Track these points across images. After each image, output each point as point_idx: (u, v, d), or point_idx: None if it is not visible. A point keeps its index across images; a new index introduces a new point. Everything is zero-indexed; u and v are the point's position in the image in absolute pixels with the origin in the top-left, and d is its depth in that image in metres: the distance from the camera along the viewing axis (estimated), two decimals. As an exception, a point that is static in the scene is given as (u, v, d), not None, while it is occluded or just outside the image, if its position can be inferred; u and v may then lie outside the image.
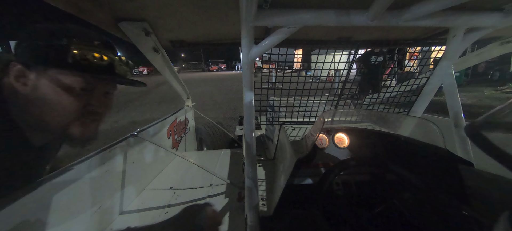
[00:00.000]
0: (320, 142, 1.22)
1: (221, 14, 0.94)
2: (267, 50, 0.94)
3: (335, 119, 1.47)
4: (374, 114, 1.61)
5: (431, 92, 1.40)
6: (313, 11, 0.80)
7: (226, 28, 1.14)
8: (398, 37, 1.36)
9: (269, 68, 1.58)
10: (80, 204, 1.05)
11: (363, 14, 0.79)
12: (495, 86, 8.92)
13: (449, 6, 0.67)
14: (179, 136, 2.21)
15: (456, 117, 1.15)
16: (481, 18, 0.88)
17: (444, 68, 1.22)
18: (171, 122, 2.01)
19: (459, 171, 0.99)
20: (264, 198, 1.12)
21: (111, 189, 1.25)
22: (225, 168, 1.86)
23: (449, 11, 0.83)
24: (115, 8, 0.88)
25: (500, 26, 0.91)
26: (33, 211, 0.82)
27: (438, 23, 0.87)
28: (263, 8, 0.77)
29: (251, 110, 1.02)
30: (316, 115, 1.57)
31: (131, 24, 1.02)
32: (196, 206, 0.81)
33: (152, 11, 0.92)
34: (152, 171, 1.70)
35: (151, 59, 1.36)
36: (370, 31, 1.18)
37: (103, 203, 1.17)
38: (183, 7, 0.87)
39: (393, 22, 0.81)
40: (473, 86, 9.52)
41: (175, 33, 1.22)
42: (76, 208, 1.02)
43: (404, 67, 2.01)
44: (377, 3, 0.71)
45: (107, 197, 1.21)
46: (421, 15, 0.76)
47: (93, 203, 1.11)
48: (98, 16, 0.93)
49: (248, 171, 0.96)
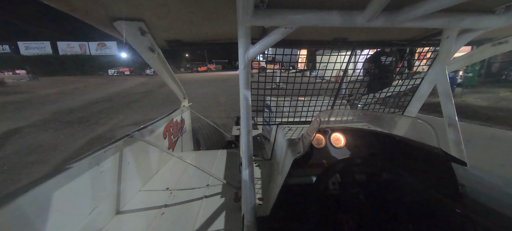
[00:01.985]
0: (316, 142, 1.23)
1: (218, 14, 0.94)
2: (264, 50, 0.94)
3: (331, 119, 1.48)
4: (369, 114, 1.62)
5: (425, 92, 1.42)
6: (310, 12, 0.81)
7: (223, 28, 1.14)
8: (393, 38, 1.37)
9: (273, 69, 1.58)
10: (75, 205, 1.03)
11: (358, 15, 0.80)
12: (511, 87, 8.54)
13: (442, 8, 0.68)
14: (175, 136, 2.19)
15: (449, 117, 1.17)
16: (473, 20, 0.90)
17: (438, 68, 1.24)
18: (167, 122, 1.99)
19: (453, 170, 1.01)
20: (261, 198, 1.12)
21: (107, 190, 1.24)
22: (221, 168, 1.86)
23: (442, 13, 0.85)
24: (110, 7, 0.87)
25: (491, 27, 0.93)
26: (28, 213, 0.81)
27: (431, 25, 0.88)
28: (260, 8, 0.77)
29: (248, 110, 1.02)
30: (312, 115, 1.58)
31: (126, 23, 1.01)
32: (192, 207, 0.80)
33: (148, 10, 0.91)
34: (148, 172, 1.68)
35: (147, 59, 1.35)
36: (366, 32, 1.19)
37: (99, 204, 1.16)
38: (179, 6, 0.86)
39: (388, 23, 0.82)
40: (487, 87, 9.08)
41: (171, 32, 1.21)
42: (71, 209, 1.01)
43: (413, 67, 2.01)
44: (373, 4, 0.72)
45: (103, 198, 1.19)
46: (415, 17, 0.77)
47: (88, 204, 1.10)
48: (93, 15, 0.92)
49: (245, 171, 0.96)
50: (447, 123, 1.17)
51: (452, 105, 1.18)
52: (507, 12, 0.86)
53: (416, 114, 1.53)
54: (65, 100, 9.51)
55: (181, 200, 1.44)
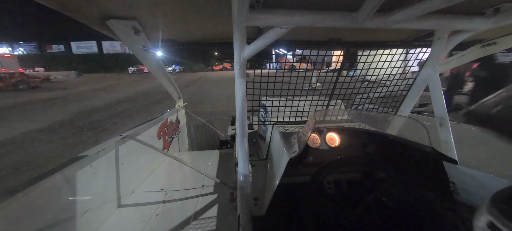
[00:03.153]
0: (311, 142, 1.23)
1: (213, 14, 0.94)
2: (259, 50, 0.95)
3: (326, 119, 1.50)
4: (364, 114, 1.64)
5: (417, 92, 1.45)
6: (305, 13, 0.81)
7: (218, 28, 1.13)
8: (386, 39, 1.40)
9: (306, 68, 1.56)
10: (68, 207, 1.01)
11: (352, 16, 0.81)
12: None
13: (434, 9, 0.70)
14: (170, 137, 2.17)
15: (441, 117, 1.20)
16: (464, 21, 0.92)
17: (430, 69, 1.27)
18: (161, 122, 1.97)
19: (444, 168, 1.04)
20: (256, 198, 1.12)
21: (100, 191, 1.21)
22: (217, 169, 1.85)
23: (434, 15, 0.87)
24: (102, 5, 0.85)
25: (481, 29, 0.96)
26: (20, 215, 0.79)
27: (423, 26, 0.90)
28: (255, 8, 0.77)
29: (244, 110, 1.02)
30: (307, 115, 1.59)
31: (119, 22, 0.99)
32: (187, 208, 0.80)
33: (142, 9, 0.90)
34: (142, 172, 1.66)
35: (141, 59, 1.33)
36: (360, 32, 1.21)
37: (92, 205, 1.14)
38: (173, 5, 0.85)
39: (381, 24, 0.84)
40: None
41: (166, 32, 1.20)
42: (64, 210, 0.99)
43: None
44: (366, 6, 0.73)
45: (96, 199, 1.17)
46: (408, 18, 0.79)
47: (82, 206, 1.08)
48: (85, 13, 0.90)
49: (240, 171, 0.96)
50: (438, 123, 1.20)
51: (444, 105, 1.20)
52: (496, 14, 0.89)
53: (409, 114, 1.56)
54: (94, 99, 9.80)
55: (176, 201, 1.42)
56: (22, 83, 13.07)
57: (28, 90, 12.78)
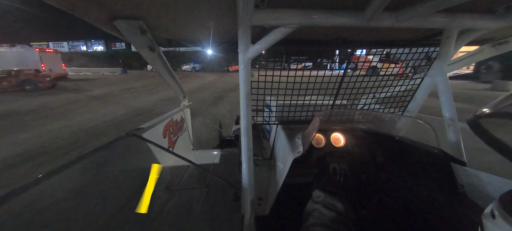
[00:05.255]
0: (316, 142, 1.23)
1: (218, 14, 0.94)
2: (264, 50, 0.94)
3: (331, 119, 1.48)
4: (369, 114, 1.62)
5: (425, 92, 1.42)
6: (310, 11, 0.80)
7: (223, 28, 1.13)
8: (394, 38, 1.37)
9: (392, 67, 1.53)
10: (75, 203, 1.03)
11: (359, 15, 0.80)
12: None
13: (443, 8, 0.68)
14: (175, 136, 2.19)
15: (449, 117, 1.17)
16: (473, 20, 0.89)
17: (438, 69, 1.24)
18: (167, 121, 1.99)
19: (452, 170, 1.01)
20: (260, 197, 1.12)
21: (106, 188, 1.24)
22: (221, 168, 1.86)
23: (442, 13, 0.85)
24: (110, 6, 0.87)
25: (492, 28, 0.93)
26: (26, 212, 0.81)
27: (432, 25, 0.88)
28: (260, 8, 0.77)
29: (248, 109, 1.02)
30: (312, 115, 1.58)
31: (126, 22, 1.01)
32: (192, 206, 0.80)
33: (148, 9, 0.91)
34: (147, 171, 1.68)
35: (147, 58, 1.35)
36: (366, 32, 1.19)
37: (98, 202, 1.16)
38: (179, 6, 0.86)
39: (388, 23, 0.82)
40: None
41: (172, 32, 1.21)
42: (71, 206, 1.01)
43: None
44: (373, 4, 0.72)
45: (102, 198, 1.19)
46: (415, 17, 0.77)
47: (87, 204, 1.10)
48: (93, 13, 0.92)
49: (244, 171, 0.96)
50: (446, 123, 1.18)
51: (452, 105, 1.18)
52: (508, 12, 0.86)
53: (416, 114, 1.53)
54: (130, 100, 9.42)
55: (181, 200, 1.44)
56: (28, 83, 11.39)
57: (34, 91, 11.12)
